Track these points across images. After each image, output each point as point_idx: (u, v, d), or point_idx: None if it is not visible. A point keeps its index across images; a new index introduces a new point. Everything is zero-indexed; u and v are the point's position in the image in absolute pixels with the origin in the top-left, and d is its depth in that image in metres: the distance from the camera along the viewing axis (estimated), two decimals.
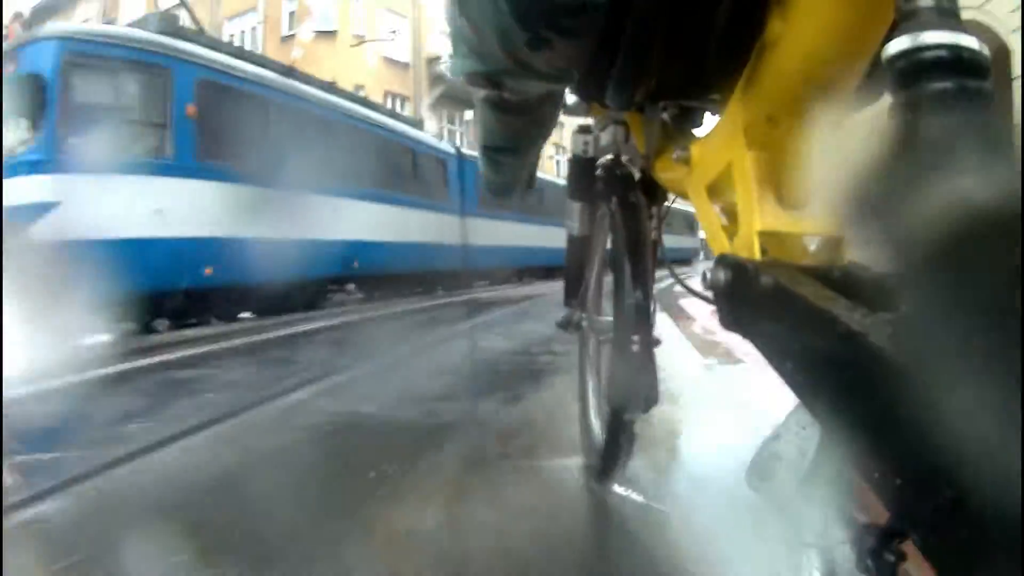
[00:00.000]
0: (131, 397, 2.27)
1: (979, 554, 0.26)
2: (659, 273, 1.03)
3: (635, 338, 0.77)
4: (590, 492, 1.13)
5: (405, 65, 15.42)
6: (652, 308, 0.85)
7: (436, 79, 15.66)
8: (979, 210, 0.34)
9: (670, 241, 28.89)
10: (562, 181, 16.58)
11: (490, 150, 1.08)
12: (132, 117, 4.79)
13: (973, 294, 0.32)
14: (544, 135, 1.07)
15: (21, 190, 4.03)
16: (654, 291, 0.87)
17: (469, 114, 15.79)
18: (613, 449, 0.98)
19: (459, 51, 0.74)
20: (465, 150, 11.07)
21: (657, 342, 0.80)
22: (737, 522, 0.73)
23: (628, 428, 0.93)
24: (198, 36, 5.97)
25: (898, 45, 0.34)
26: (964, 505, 0.27)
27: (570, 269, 1.28)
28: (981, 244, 0.33)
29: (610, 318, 0.95)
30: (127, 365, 2.98)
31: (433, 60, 15.62)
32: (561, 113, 1.16)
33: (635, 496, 0.66)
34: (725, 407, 1.77)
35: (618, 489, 1.03)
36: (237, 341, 3.99)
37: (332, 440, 1.63)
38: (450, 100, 15.99)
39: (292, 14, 14.08)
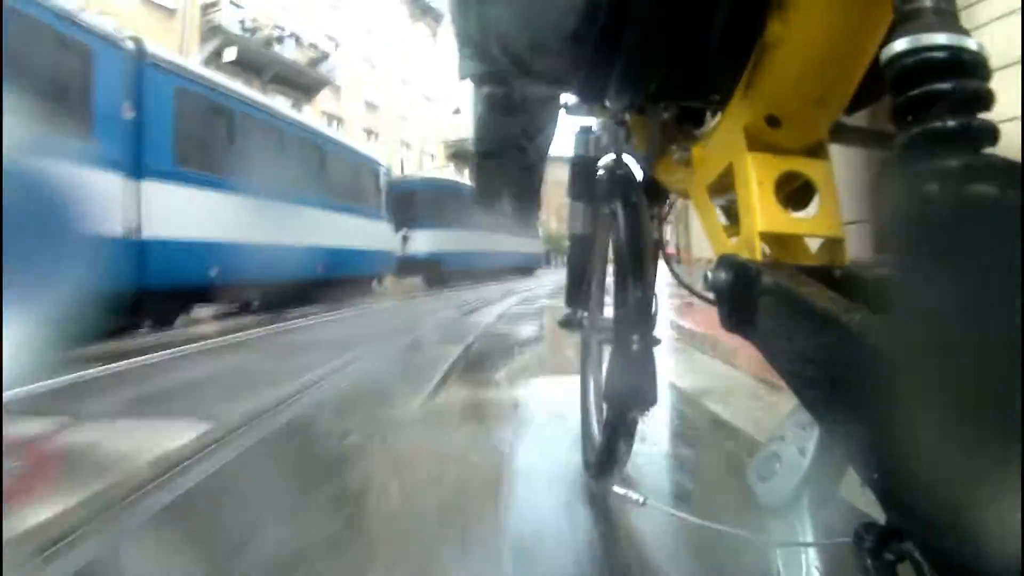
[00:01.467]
0: None
1: (978, 554, 0.27)
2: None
3: (635, 338, 0.77)
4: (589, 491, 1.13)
5: (171, 11, 11.37)
6: (654, 308, 0.85)
7: (211, 31, 11.87)
8: (979, 210, 0.34)
9: (499, 244, 16.96)
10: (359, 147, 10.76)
11: (484, 155, 1.07)
12: None
13: (973, 294, 0.32)
14: (545, 140, 1.06)
15: None
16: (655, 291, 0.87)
17: (231, 53, 11.60)
18: (610, 449, 0.99)
19: (465, 52, 0.74)
20: (157, 51, 5.44)
21: (657, 341, 0.80)
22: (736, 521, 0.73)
23: (626, 428, 0.93)
24: None
25: (897, 47, 0.34)
26: (963, 505, 0.27)
27: (572, 269, 1.28)
28: (980, 244, 0.33)
29: (611, 317, 0.95)
30: None
31: (210, 7, 11.96)
32: (563, 113, 1.16)
33: (634, 495, 0.66)
34: None
35: (617, 489, 1.03)
36: None
37: None
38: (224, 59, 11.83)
39: None
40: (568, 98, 1.09)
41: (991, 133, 0.34)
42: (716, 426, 1.62)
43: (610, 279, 1.02)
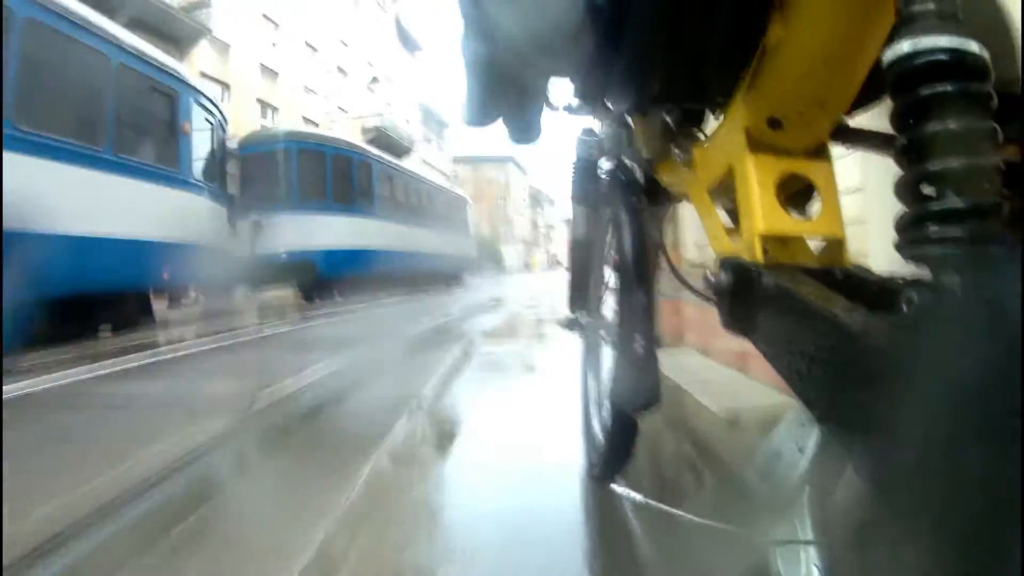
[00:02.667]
0: None
1: (978, 552, 0.27)
2: None
3: (639, 338, 0.77)
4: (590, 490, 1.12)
5: None
6: (656, 309, 0.85)
7: None
8: (979, 213, 0.34)
9: (412, 239, 11.79)
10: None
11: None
12: None
13: (974, 294, 0.32)
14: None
15: None
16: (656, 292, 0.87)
17: None
18: (614, 448, 0.99)
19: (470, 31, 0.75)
20: None
21: (660, 342, 0.80)
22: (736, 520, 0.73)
23: (630, 427, 0.93)
24: None
25: (898, 49, 0.35)
26: (963, 504, 0.27)
27: (573, 270, 1.29)
28: (980, 246, 0.34)
29: (612, 318, 0.96)
30: None
31: None
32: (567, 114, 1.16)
33: (635, 494, 0.66)
34: None
35: (618, 488, 1.03)
36: None
37: None
38: None
39: None
40: (570, 100, 1.09)
41: (992, 136, 0.34)
42: None
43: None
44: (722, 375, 2.10)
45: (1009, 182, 0.35)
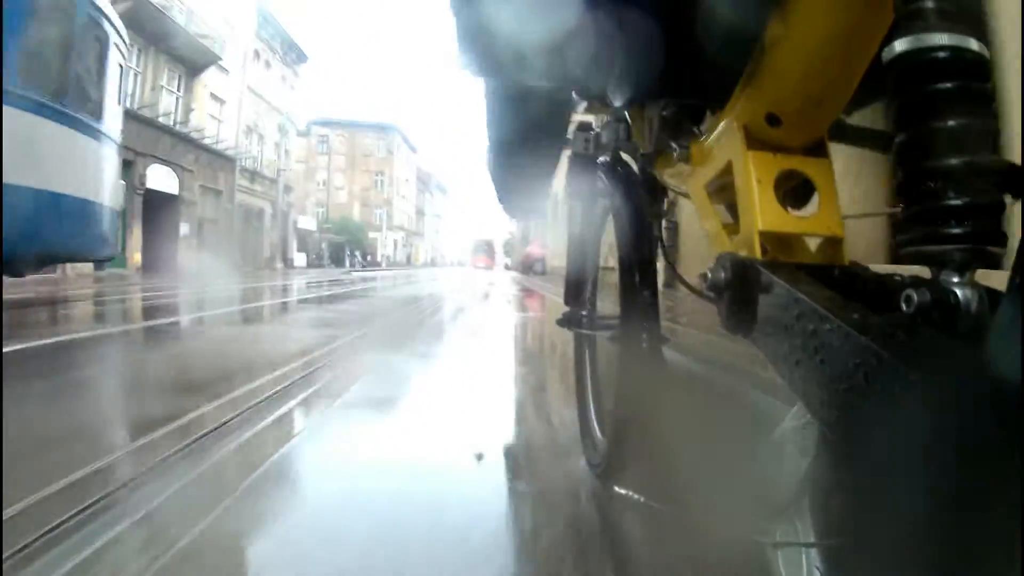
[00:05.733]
0: None
1: (979, 554, 0.27)
2: None
3: (642, 334, 0.76)
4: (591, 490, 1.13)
5: None
6: (658, 304, 0.85)
7: None
8: (979, 211, 0.34)
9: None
10: None
11: (497, 147, 1.08)
12: None
13: (973, 295, 0.32)
14: (556, 134, 1.07)
15: None
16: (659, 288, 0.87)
17: None
18: (617, 448, 0.98)
19: (464, 45, 0.75)
20: None
21: (665, 340, 0.79)
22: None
23: (634, 427, 0.92)
24: None
25: (898, 47, 0.34)
26: (964, 506, 0.27)
27: (571, 267, 1.28)
28: (980, 245, 0.33)
29: (611, 316, 0.95)
30: None
31: None
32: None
33: (634, 494, 0.66)
34: None
35: (617, 488, 1.03)
36: None
37: None
38: None
39: None
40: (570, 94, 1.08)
41: (991, 133, 0.34)
42: None
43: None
44: None
45: (1009, 182, 0.35)
